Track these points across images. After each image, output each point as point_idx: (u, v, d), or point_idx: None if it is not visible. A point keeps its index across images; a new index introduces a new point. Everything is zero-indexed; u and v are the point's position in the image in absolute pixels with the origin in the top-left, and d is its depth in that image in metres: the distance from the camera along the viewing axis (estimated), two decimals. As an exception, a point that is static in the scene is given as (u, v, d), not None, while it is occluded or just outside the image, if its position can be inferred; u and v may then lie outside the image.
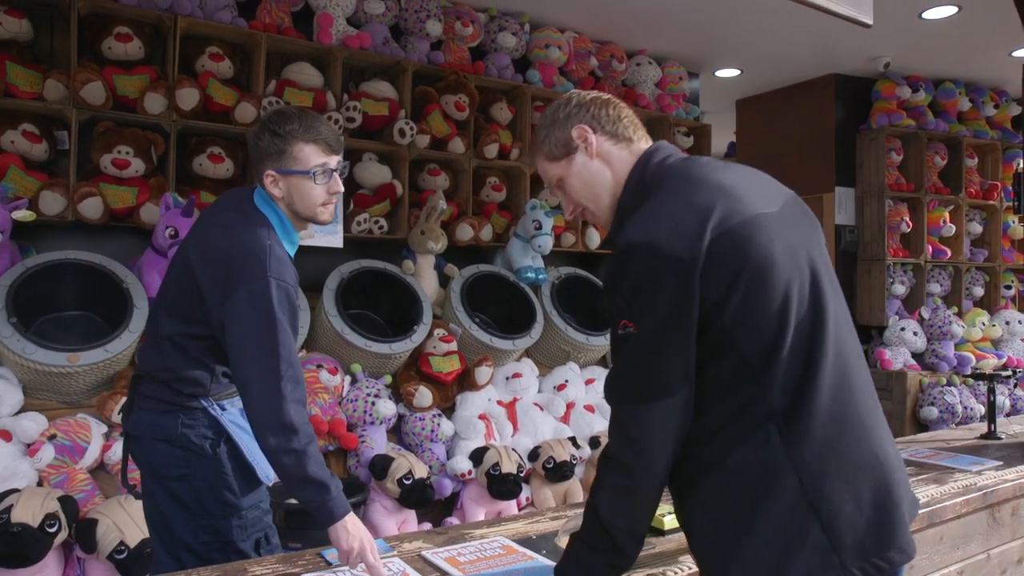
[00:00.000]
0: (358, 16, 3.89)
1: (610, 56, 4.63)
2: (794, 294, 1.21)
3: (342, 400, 3.37)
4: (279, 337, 1.67)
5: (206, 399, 1.83)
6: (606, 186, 1.38)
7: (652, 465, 1.23)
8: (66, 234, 3.25)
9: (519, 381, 3.81)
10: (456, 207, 4.06)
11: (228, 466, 1.82)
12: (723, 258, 1.18)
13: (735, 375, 1.21)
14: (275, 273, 1.70)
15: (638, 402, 1.22)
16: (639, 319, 1.20)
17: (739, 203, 1.23)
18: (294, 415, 1.62)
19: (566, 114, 1.39)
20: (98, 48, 3.24)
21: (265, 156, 1.78)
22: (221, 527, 1.81)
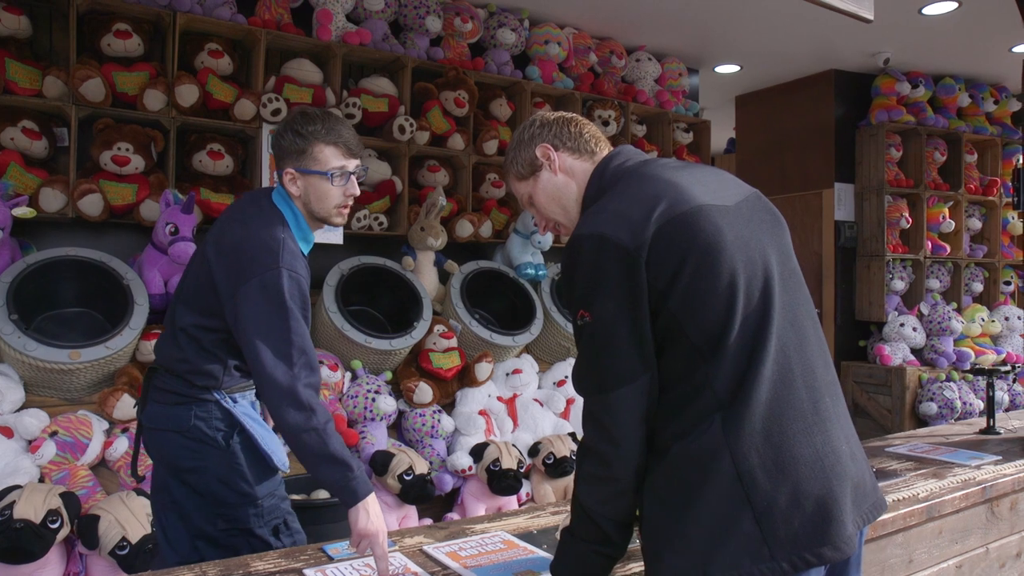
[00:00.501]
0: (357, 12, 3.88)
1: (610, 52, 4.62)
2: (741, 284, 1.23)
3: (342, 396, 3.38)
4: (291, 325, 1.70)
5: (219, 392, 1.87)
6: (572, 198, 1.46)
7: (625, 451, 1.26)
8: (66, 231, 3.25)
9: (519, 377, 3.81)
10: (456, 203, 4.07)
11: (242, 457, 1.86)
12: (668, 245, 1.22)
13: (687, 363, 1.25)
14: (287, 264, 1.74)
15: (602, 391, 1.26)
16: (592, 307, 1.25)
17: (686, 195, 1.28)
18: (310, 397, 1.66)
19: (530, 135, 1.49)
20: (97, 45, 3.24)
21: (286, 154, 1.84)
22: (239, 516, 1.84)
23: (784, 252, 1.35)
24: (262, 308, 1.71)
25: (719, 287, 1.22)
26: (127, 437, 2.86)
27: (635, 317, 1.23)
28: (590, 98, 4.55)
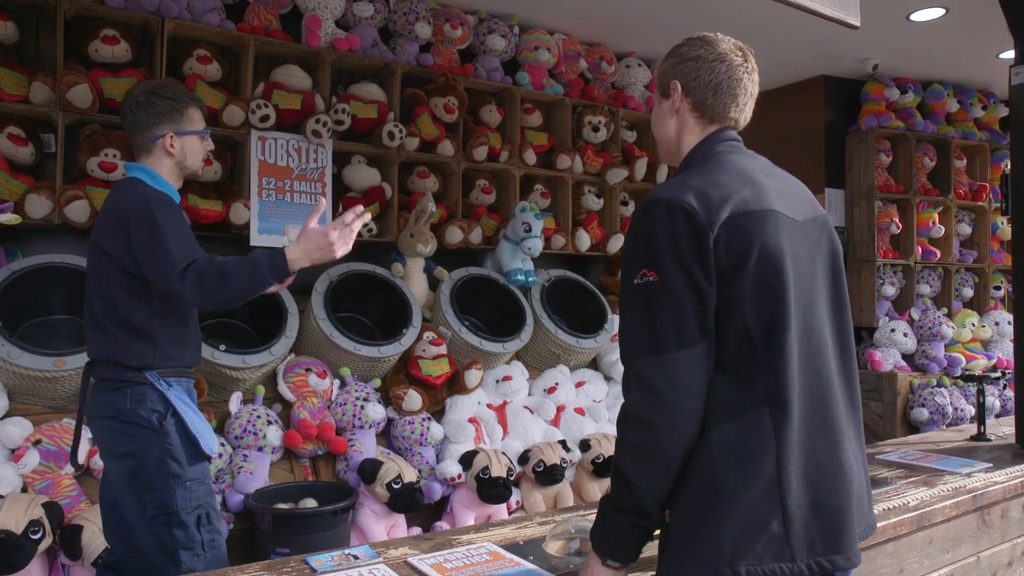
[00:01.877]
0: (347, 19, 3.87)
1: (599, 58, 4.62)
2: (791, 293, 1.28)
3: (331, 404, 3.36)
4: (165, 233, 1.98)
5: (151, 373, 2.05)
6: (670, 140, 1.51)
7: (677, 421, 1.24)
8: (53, 237, 3.23)
9: (509, 384, 3.80)
10: (445, 209, 4.05)
11: (175, 438, 2.04)
12: (736, 234, 1.26)
13: (739, 349, 1.27)
14: (149, 195, 2.07)
15: (661, 352, 1.24)
16: (662, 266, 1.25)
17: (763, 196, 1.32)
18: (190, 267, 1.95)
19: (679, 60, 1.48)
20: (85, 51, 3.21)
21: (162, 120, 2.16)
22: (166, 499, 2.00)
23: (833, 276, 1.40)
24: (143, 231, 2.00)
25: (777, 288, 1.27)
26: (112, 446, 2.83)
27: (700, 286, 1.24)
28: (580, 104, 4.54)
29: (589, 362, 4.26)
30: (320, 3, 3.70)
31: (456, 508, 3.36)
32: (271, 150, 3.55)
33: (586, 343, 4.05)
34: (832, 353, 1.35)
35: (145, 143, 2.19)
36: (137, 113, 2.17)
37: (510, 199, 4.27)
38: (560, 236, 4.34)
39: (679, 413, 1.24)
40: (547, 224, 4.25)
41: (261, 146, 3.52)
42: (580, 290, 4.37)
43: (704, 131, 1.47)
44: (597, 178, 4.58)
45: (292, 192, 3.61)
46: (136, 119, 2.18)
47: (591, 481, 3.66)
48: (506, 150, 4.21)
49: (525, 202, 4.09)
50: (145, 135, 2.18)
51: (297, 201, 3.62)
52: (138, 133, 2.19)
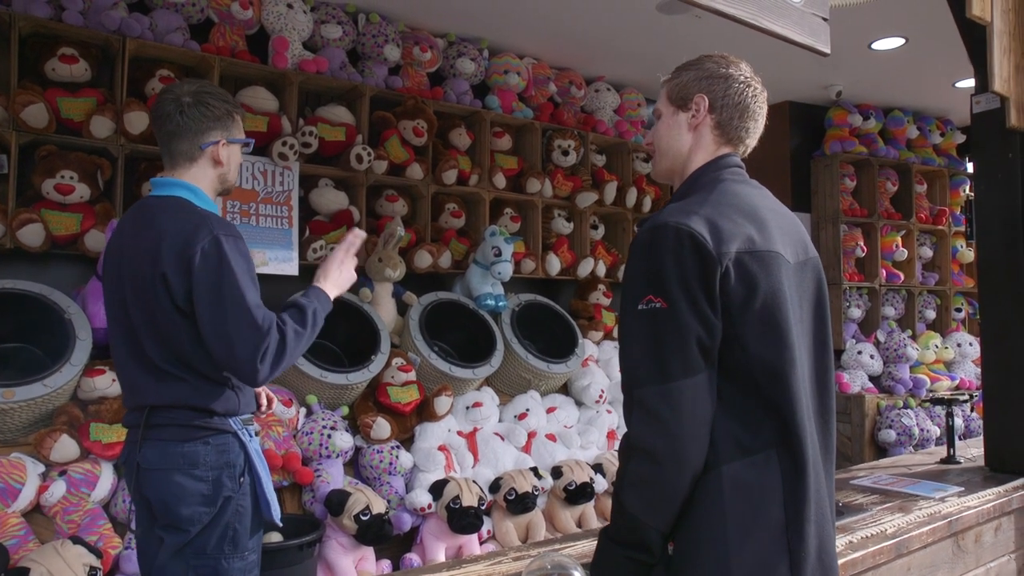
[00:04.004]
0: (315, 40, 3.82)
1: (569, 82, 4.63)
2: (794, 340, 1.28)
3: (297, 433, 3.26)
4: (238, 280, 1.70)
5: (235, 420, 1.80)
6: (678, 154, 1.46)
7: (682, 451, 1.20)
8: (4, 262, 3.09)
9: (479, 411, 3.73)
10: (414, 233, 4.00)
11: (247, 499, 1.78)
12: (744, 273, 1.25)
13: (743, 385, 1.26)
14: (220, 229, 1.75)
15: (666, 380, 1.21)
16: (668, 293, 1.22)
17: (769, 236, 1.31)
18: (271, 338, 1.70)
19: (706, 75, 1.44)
20: (41, 69, 3.11)
21: (216, 125, 1.86)
22: (219, 568, 1.72)
23: (818, 319, 1.40)
24: (210, 277, 1.69)
25: (781, 331, 1.27)
26: (64, 480, 2.70)
27: (706, 315, 1.22)
28: (550, 128, 4.54)
29: (560, 387, 4.22)
30: (288, 24, 3.65)
31: (426, 539, 3.27)
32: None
33: (557, 368, 4.01)
34: (812, 397, 1.34)
35: (192, 151, 1.85)
36: (187, 115, 1.83)
37: (480, 223, 4.23)
38: (530, 260, 4.31)
39: (685, 442, 1.20)
40: (517, 248, 4.21)
41: (225, 168, 3.44)
42: (551, 314, 4.33)
43: (716, 152, 1.43)
44: (567, 202, 4.56)
45: (258, 216, 3.53)
46: (184, 122, 1.83)
47: (563, 509, 3.60)
48: (476, 174, 4.18)
49: (495, 226, 4.06)
50: (195, 141, 1.84)
51: (263, 225, 3.54)
52: (185, 139, 1.85)
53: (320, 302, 1.87)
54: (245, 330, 1.67)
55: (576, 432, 3.95)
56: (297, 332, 1.76)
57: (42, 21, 3.08)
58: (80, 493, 2.71)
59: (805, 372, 1.31)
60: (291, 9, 3.65)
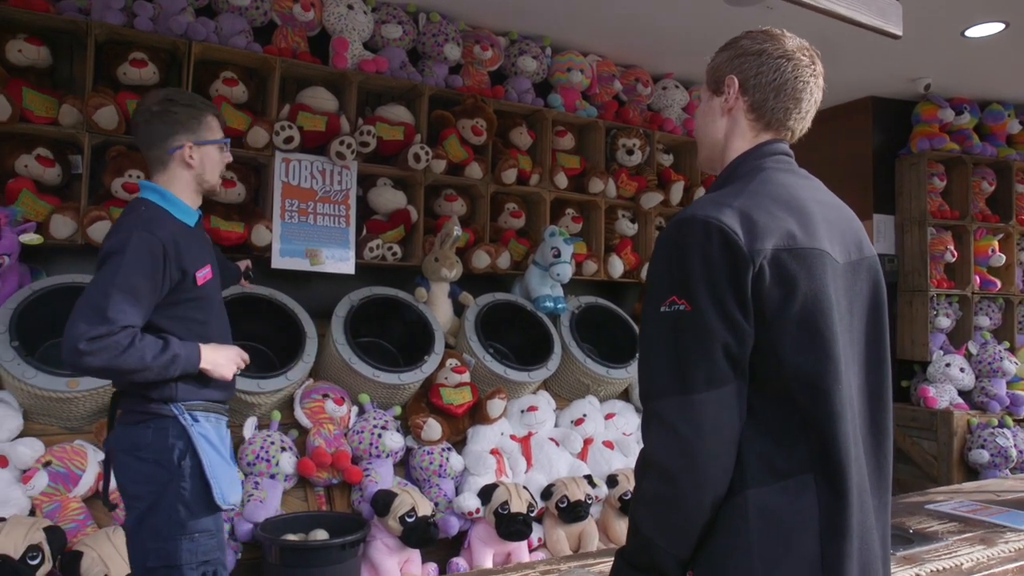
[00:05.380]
0: (375, 41, 3.85)
1: (635, 80, 4.51)
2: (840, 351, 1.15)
3: (348, 431, 3.27)
4: (120, 270, 1.78)
5: (177, 406, 1.88)
6: (715, 143, 1.35)
7: (703, 471, 1.08)
8: (76, 258, 3.23)
9: (534, 415, 3.66)
10: (473, 233, 3.97)
11: (188, 482, 1.85)
12: (781, 272, 1.12)
13: (778, 400, 1.13)
14: (140, 228, 1.85)
15: (687, 391, 1.09)
16: (693, 294, 1.10)
17: (813, 232, 1.18)
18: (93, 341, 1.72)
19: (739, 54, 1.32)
20: (114, 74, 3.24)
21: (181, 129, 1.96)
22: (170, 549, 1.82)
23: (872, 328, 1.25)
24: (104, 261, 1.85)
25: (824, 339, 1.14)
26: (122, 470, 2.78)
27: (735, 320, 1.10)
28: (614, 126, 4.43)
29: (620, 393, 4.10)
30: (348, 25, 3.69)
31: (474, 544, 3.22)
32: (295, 172, 3.52)
33: (617, 373, 3.89)
34: (862, 416, 1.20)
35: (162, 156, 1.98)
36: (152, 123, 1.97)
37: (540, 223, 4.16)
38: (592, 262, 4.21)
39: (705, 462, 1.08)
40: (578, 249, 4.13)
41: (285, 168, 3.49)
42: (612, 318, 4.22)
43: (756, 138, 1.30)
44: (631, 202, 4.44)
45: (315, 214, 3.57)
46: (151, 130, 1.97)
47: (618, 519, 3.48)
48: (536, 173, 4.12)
49: (554, 226, 3.98)
50: (162, 147, 1.97)
51: (320, 223, 3.57)
52: (154, 146, 1.98)
53: (188, 360, 1.87)
54: (90, 311, 1.74)
55: (635, 440, 3.82)
56: (141, 355, 1.77)
57: (116, 28, 3.19)
58: (135, 482, 2.79)
59: (852, 387, 1.17)
60: (351, 10, 3.68)
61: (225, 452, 1.96)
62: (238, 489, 1.97)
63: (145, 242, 1.82)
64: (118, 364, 1.74)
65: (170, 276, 1.87)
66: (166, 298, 1.89)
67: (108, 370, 1.77)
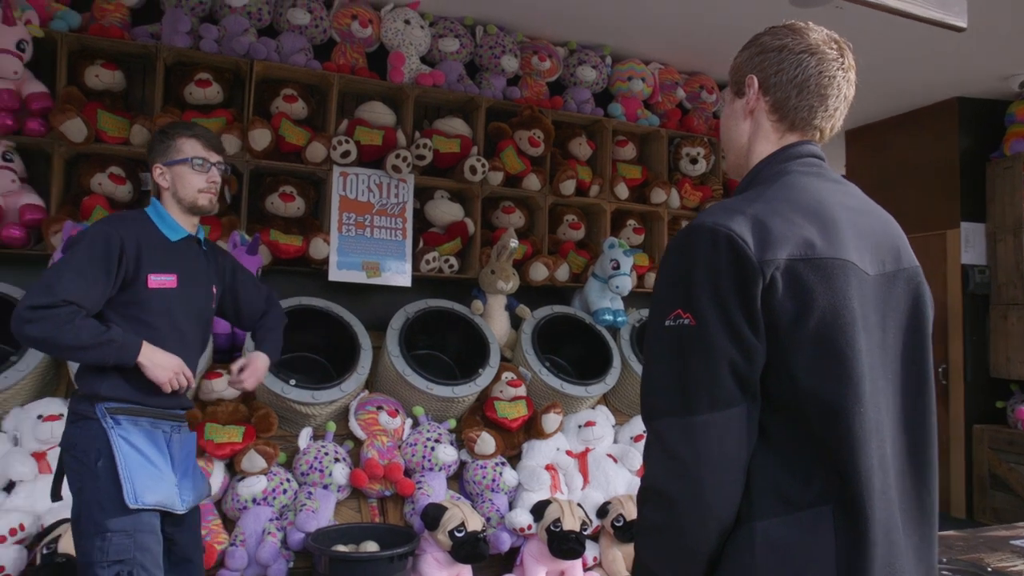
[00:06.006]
0: (433, 54, 3.87)
1: (699, 87, 4.39)
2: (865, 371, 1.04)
3: (402, 444, 3.26)
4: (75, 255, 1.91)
5: (100, 407, 1.95)
6: (739, 148, 1.26)
7: (704, 498, 0.99)
8: (145, 272, 3.35)
9: (592, 430, 3.56)
10: (531, 245, 3.92)
11: (102, 482, 1.92)
12: (795, 284, 1.02)
13: (790, 424, 1.03)
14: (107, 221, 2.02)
15: (688, 411, 1.01)
16: (698, 307, 1.02)
17: (837, 239, 1.07)
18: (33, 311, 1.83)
19: (758, 51, 1.22)
20: (181, 94, 3.36)
21: (156, 154, 2.13)
22: (86, 546, 1.90)
23: (912, 347, 1.14)
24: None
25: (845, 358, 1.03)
26: (179, 477, 2.86)
27: (743, 336, 1.01)
28: (677, 135, 4.32)
29: (684, 409, 3.95)
30: (405, 40, 3.73)
31: (527, 561, 3.14)
32: (352, 185, 3.56)
33: (679, 388, 3.75)
34: (897, 443, 1.09)
35: (152, 179, 2.17)
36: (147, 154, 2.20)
37: (600, 235, 4.09)
38: (654, 274, 4.09)
39: (707, 489, 0.99)
40: (640, 261, 4.03)
41: (342, 181, 3.54)
42: (675, 331, 4.08)
43: (781, 140, 1.21)
44: (695, 213, 4.31)
45: (372, 227, 3.60)
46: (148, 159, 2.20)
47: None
48: (597, 184, 4.05)
49: (613, 238, 3.89)
50: (150, 172, 2.17)
51: (377, 236, 3.60)
52: (149, 171, 2.19)
53: (124, 350, 1.92)
54: (40, 285, 1.87)
55: (698, 458, 3.67)
56: (77, 333, 1.85)
57: (183, 50, 3.32)
58: (192, 490, 2.85)
59: (882, 411, 1.06)
60: (408, 25, 3.72)
61: (155, 457, 1.99)
62: (163, 489, 1.98)
63: (102, 233, 1.97)
64: (56, 337, 1.84)
65: (125, 269, 1.97)
66: (119, 295, 1.98)
67: (46, 341, 1.86)
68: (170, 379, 2.00)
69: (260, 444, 2.94)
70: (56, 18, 3.17)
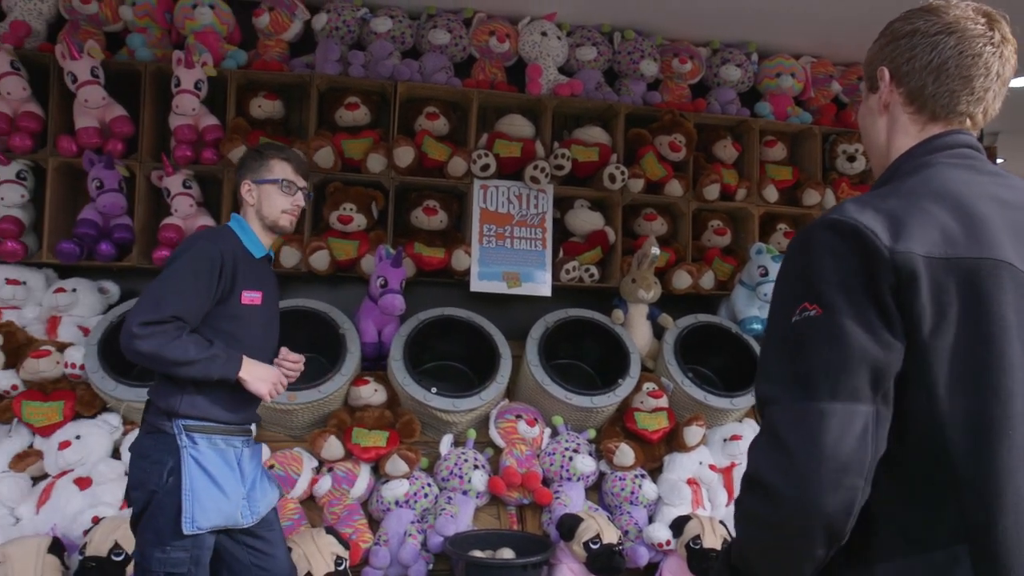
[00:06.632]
0: (570, 64, 3.88)
1: (858, 79, 4.09)
2: (1018, 389, 0.92)
3: (540, 453, 3.28)
4: (179, 271, 1.99)
5: (176, 424, 2.02)
6: (878, 146, 1.16)
7: (811, 496, 0.88)
8: (303, 284, 3.61)
9: (738, 444, 3.40)
10: (674, 253, 3.82)
11: (167, 499, 1.97)
12: (936, 285, 0.92)
13: (923, 446, 0.93)
14: (203, 240, 2.09)
15: (805, 397, 0.91)
16: (825, 298, 0.93)
17: (983, 234, 0.96)
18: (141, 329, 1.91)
19: (888, 41, 1.14)
20: (332, 118, 3.60)
21: (246, 170, 2.23)
22: (146, 553, 1.98)
23: None
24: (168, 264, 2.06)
25: (992, 373, 0.92)
26: (330, 476, 3.04)
27: (875, 328, 0.91)
28: (833, 132, 4.04)
29: (843, 425, 3.67)
30: (542, 51, 3.76)
31: (666, 578, 3.05)
32: (492, 198, 3.64)
33: (836, 402, 3.49)
34: None
35: (239, 194, 2.26)
36: (237, 169, 2.32)
37: (748, 240, 3.90)
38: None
39: (818, 487, 0.88)
40: (790, 266, 3.80)
41: (483, 194, 3.63)
42: (833, 341, 3.81)
43: (922, 132, 1.10)
44: (854, 213, 4.00)
45: (512, 238, 3.65)
46: (237, 174, 2.30)
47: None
48: (743, 187, 3.88)
49: (761, 243, 3.70)
50: (238, 186, 2.26)
51: (517, 247, 3.65)
52: (237, 186, 2.27)
53: (228, 365, 2.02)
54: (148, 300, 1.96)
55: (858, 478, 3.40)
56: (185, 348, 1.94)
57: (334, 77, 3.55)
58: (342, 489, 3.02)
59: None
60: (545, 37, 3.75)
61: (223, 477, 2.04)
62: (225, 510, 2.02)
63: (205, 250, 2.06)
64: (164, 353, 1.92)
65: (223, 284, 2.06)
66: (213, 309, 2.07)
67: (155, 357, 1.93)
68: (269, 391, 2.11)
69: (403, 449, 3.07)
70: (227, 57, 3.49)
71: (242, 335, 2.13)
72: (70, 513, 2.69)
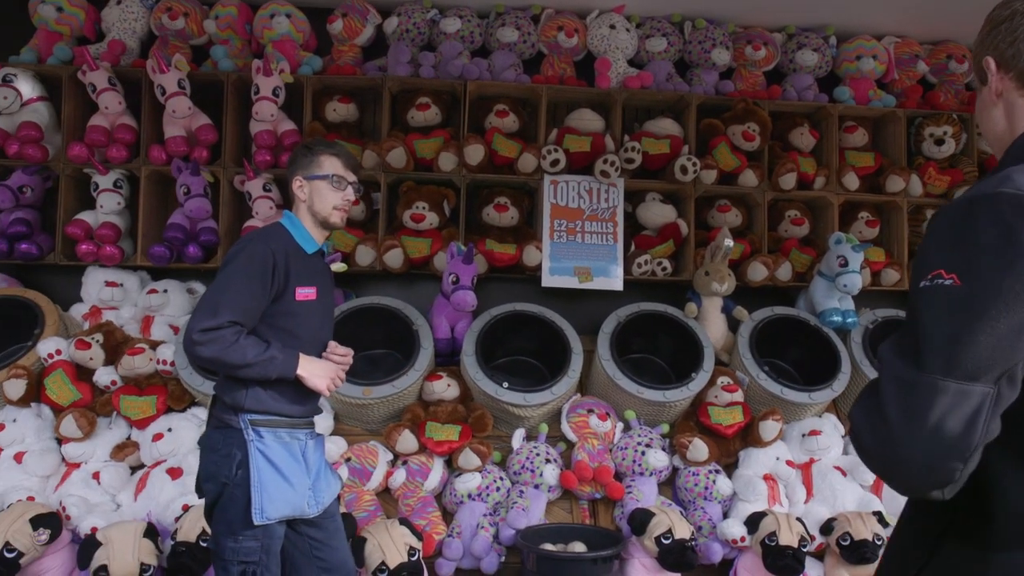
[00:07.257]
0: (640, 56, 3.84)
1: (946, 57, 3.88)
2: None
3: (612, 447, 3.27)
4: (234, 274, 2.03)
5: (243, 418, 2.07)
6: (999, 137, 1.12)
7: (903, 472, 0.88)
8: (379, 282, 3.72)
9: (817, 440, 3.30)
10: (749, 244, 3.73)
11: (237, 491, 2.04)
12: None
13: None
14: (257, 241, 2.11)
15: (916, 367, 0.88)
16: (966, 270, 0.89)
17: None
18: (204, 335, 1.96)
19: (989, 32, 1.12)
20: (404, 119, 3.68)
21: (297, 167, 2.25)
22: (219, 539, 2.06)
23: None
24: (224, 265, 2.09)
25: None
26: (405, 469, 3.12)
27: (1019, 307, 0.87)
28: (918, 114, 3.86)
29: (931, 421, 3.51)
30: (611, 45, 3.74)
31: (741, 575, 3.00)
32: (562, 193, 3.65)
33: (924, 398, 3.34)
34: None
35: (290, 190, 2.28)
36: (288, 165, 2.32)
37: (827, 230, 3.78)
38: (893, 270, 3.70)
39: (909, 463, 0.86)
40: (872, 256, 3.67)
41: (553, 190, 3.64)
42: (920, 334, 3.64)
43: None
44: (942, 200, 3.81)
45: (583, 232, 3.65)
46: (288, 170, 2.31)
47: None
48: (822, 176, 3.75)
49: (840, 233, 3.57)
50: (289, 182, 2.28)
51: (588, 242, 3.65)
52: (288, 182, 2.29)
53: (286, 364, 2.08)
54: (206, 307, 2.01)
55: (949, 477, 3.24)
56: (243, 351, 1.99)
57: (405, 79, 3.63)
58: (416, 481, 3.10)
59: None
60: (614, 30, 3.73)
61: (289, 469, 2.10)
62: (293, 501, 2.09)
63: (258, 251, 2.08)
64: (224, 357, 1.98)
65: (277, 282, 2.09)
66: (269, 307, 2.10)
67: (215, 361, 2.00)
68: (328, 385, 2.17)
69: (475, 443, 3.12)
70: (303, 64, 3.62)
71: (299, 331, 2.18)
72: (163, 501, 2.87)
